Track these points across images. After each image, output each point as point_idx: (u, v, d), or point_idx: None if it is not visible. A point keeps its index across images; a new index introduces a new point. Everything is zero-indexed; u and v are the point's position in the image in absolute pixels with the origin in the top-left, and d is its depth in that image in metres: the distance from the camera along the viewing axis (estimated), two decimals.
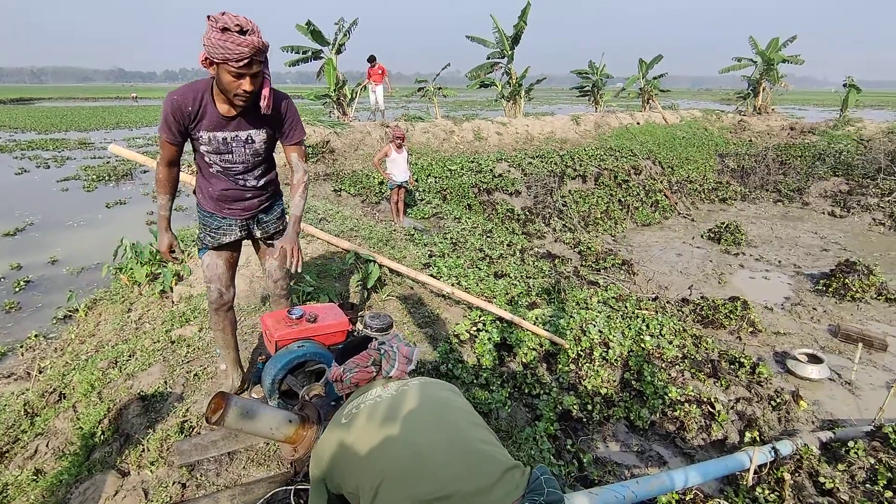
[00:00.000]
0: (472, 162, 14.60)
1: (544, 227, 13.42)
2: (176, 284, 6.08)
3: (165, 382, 4.05)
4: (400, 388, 1.84)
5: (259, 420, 2.05)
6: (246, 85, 2.57)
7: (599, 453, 4.75)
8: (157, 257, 6.44)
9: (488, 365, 5.32)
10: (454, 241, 8.96)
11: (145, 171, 19.16)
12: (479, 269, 7.68)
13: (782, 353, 8.06)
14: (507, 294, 6.90)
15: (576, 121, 19.83)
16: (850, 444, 4.66)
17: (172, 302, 5.87)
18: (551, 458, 4.17)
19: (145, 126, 38.02)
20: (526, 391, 5.24)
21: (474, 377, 4.98)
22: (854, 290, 10.35)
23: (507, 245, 9.98)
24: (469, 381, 4.90)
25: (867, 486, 4.10)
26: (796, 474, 4.17)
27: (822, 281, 10.99)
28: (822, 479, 4.13)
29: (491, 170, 14.38)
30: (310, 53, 17.21)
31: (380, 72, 17.40)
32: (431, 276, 6.84)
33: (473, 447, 1.62)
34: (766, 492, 4.00)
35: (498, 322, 6.00)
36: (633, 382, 5.55)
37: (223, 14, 2.50)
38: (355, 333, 3.22)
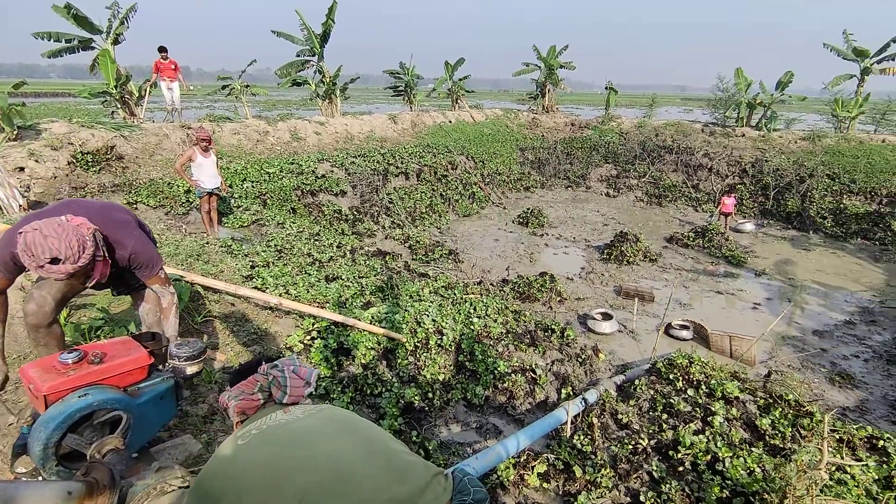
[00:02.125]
0: (292, 163, 13.90)
1: (373, 225, 13.49)
2: None
3: None
4: (306, 411, 1.72)
5: None
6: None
7: (443, 437, 4.96)
8: None
9: (327, 373, 5.13)
10: (279, 248, 8.42)
11: None
12: (309, 274, 7.36)
13: (583, 315, 9.47)
14: (341, 297, 6.74)
15: (394, 120, 20.29)
16: (637, 381, 5.69)
17: None
18: None
19: None
20: (368, 392, 5.19)
21: (312, 389, 4.75)
22: (628, 255, 12.68)
23: (337, 247, 9.76)
24: (307, 394, 4.65)
25: (650, 413, 5.04)
26: (601, 416, 4.93)
27: (605, 250, 13.22)
28: (620, 416, 4.96)
29: (313, 171, 13.88)
30: (75, 42, 14.29)
31: (172, 67, 15.34)
32: (255, 288, 6.32)
33: (397, 457, 1.58)
34: (581, 437, 4.65)
35: (333, 327, 5.82)
36: (467, 364, 5.92)
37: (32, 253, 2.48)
38: (160, 368, 2.77)
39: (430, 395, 5.38)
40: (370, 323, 6.04)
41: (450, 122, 22.63)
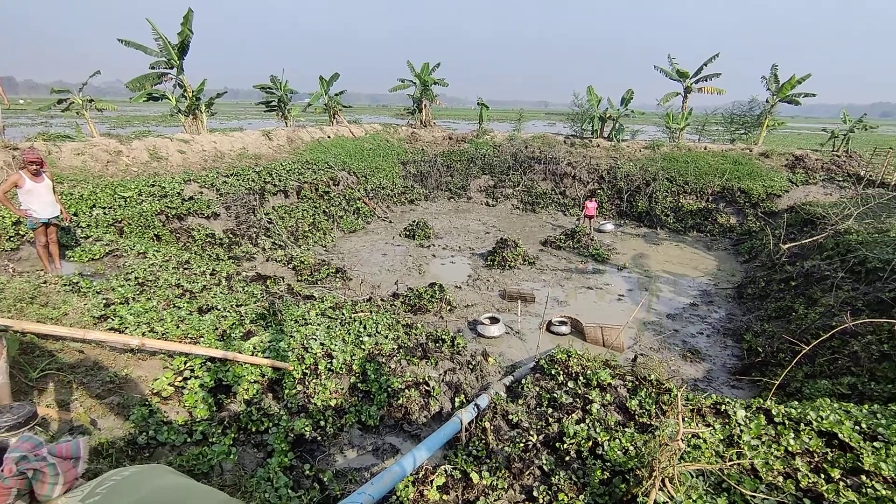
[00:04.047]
0: (154, 185, 12.53)
1: (252, 247, 12.65)
2: None
3: None
4: (91, 491, 1.34)
5: None
6: None
7: (339, 465, 4.76)
8: None
9: (204, 416, 4.66)
10: (141, 280, 7.49)
11: None
12: (179, 307, 6.66)
13: (473, 321, 9.79)
14: (217, 329, 6.19)
15: (268, 136, 19.32)
16: (524, 380, 6.00)
17: None
18: (288, 492, 3.94)
19: None
20: (253, 430, 4.81)
21: (187, 436, 4.27)
22: (509, 260, 13.40)
23: (211, 274, 8.96)
24: (181, 442, 4.17)
25: (537, 409, 5.34)
26: (494, 420, 5.10)
27: (489, 257, 13.85)
28: (511, 416, 5.17)
29: (179, 193, 12.64)
30: None
31: None
32: (111, 329, 5.55)
33: None
34: (476, 443, 4.77)
35: (210, 363, 5.32)
36: (360, 385, 5.78)
37: None
38: None
39: (323, 422, 5.15)
40: (252, 354, 5.63)
41: (328, 137, 22.16)
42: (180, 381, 4.97)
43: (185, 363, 5.23)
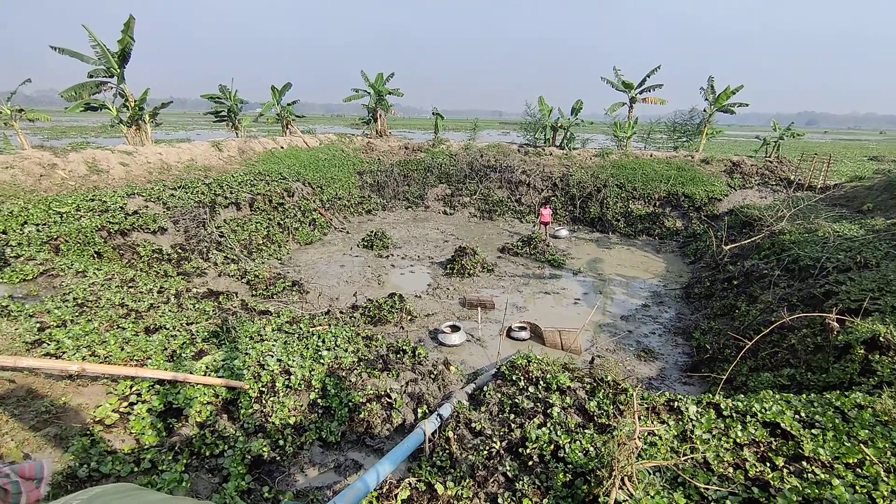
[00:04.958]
0: (93, 200, 11.86)
1: (203, 262, 12.16)
2: None
3: None
4: None
5: None
6: None
7: (300, 485, 4.61)
8: None
9: (152, 442, 4.41)
10: (80, 301, 7.05)
11: None
12: (123, 328, 6.30)
13: (434, 330, 9.78)
14: (166, 349, 5.90)
15: (218, 147, 18.70)
16: (485, 388, 6.03)
17: None
18: None
19: None
20: (207, 454, 4.59)
21: (134, 465, 4.03)
22: (469, 268, 13.49)
23: (159, 292, 8.54)
24: (127, 472, 3.93)
25: (500, 416, 5.37)
26: (457, 428, 5.09)
27: (448, 266, 13.89)
28: (473, 424, 5.18)
29: (122, 207, 12.01)
30: None
31: None
32: (47, 355, 5.19)
33: None
34: (440, 453, 4.74)
35: (158, 386, 5.05)
36: (320, 401, 5.64)
37: None
38: None
39: (282, 441, 4.98)
40: (205, 374, 5.39)
41: (282, 147, 21.69)
42: (125, 407, 4.69)
43: (131, 387, 4.95)
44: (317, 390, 5.79)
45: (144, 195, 13.05)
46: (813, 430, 4.21)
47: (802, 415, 4.46)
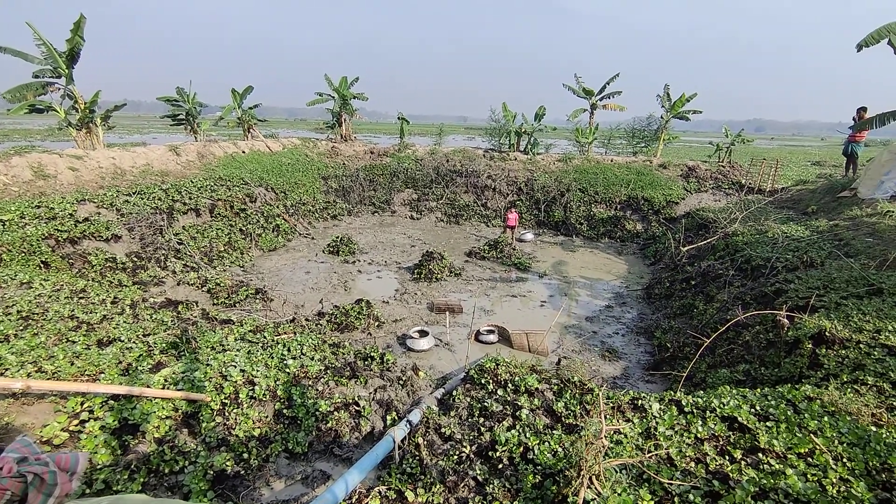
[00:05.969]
0: (39, 207, 11.23)
1: (161, 270, 11.69)
2: None
3: None
4: None
5: None
6: None
7: (266, 499, 4.48)
8: None
9: (106, 461, 4.19)
10: (25, 314, 6.65)
11: None
12: (73, 342, 5.97)
13: (402, 336, 9.71)
14: (121, 363, 5.62)
15: (175, 151, 18.06)
16: (455, 392, 6.03)
17: None
18: None
19: None
20: (167, 471, 4.40)
21: (85, 486, 3.82)
22: (436, 272, 13.49)
23: (112, 302, 8.15)
24: (77, 494, 3.71)
25: (469, 420, 5.38)
26: (426, 434, 5.07)
27: (415, 270, 13.85)
28: (443, 429, 5.16)
29: (71, 214, 11.42)
30: None
31: None
32: None
33: None
34: (410, 460, 4.71)
35: (112, 401, 4.81)
36: (286, 411, 5.50)
37: None
38: None
39: (246, 454, 4.83)
40: (163, 387, 5.17)
41: (243, 152, 21.15)
42: (76, 425, 4.45)
43: (82, 404, 4.70)
44: (282, 400, 5.65)
45: (96, 201, 12.46)
46: (767, 423, 4.41)
47: (758, 408, 4.66)
